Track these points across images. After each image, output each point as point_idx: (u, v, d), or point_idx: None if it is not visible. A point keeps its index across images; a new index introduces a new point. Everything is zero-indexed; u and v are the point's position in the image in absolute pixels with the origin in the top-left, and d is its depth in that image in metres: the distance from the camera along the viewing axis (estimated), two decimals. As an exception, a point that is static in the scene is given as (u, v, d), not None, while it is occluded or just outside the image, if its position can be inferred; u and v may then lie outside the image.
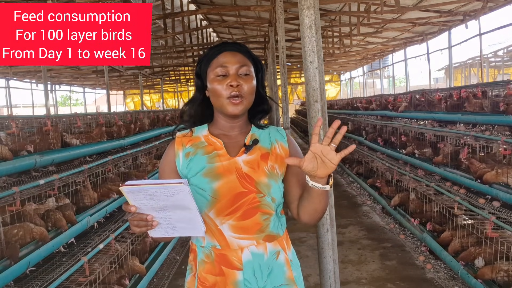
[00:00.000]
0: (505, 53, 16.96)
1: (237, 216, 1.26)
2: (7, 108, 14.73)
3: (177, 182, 1.01)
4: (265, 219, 1.28)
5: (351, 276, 3.99)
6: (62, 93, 29.08)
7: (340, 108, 12.46)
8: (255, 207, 1.27)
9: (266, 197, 1.28)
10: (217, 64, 1.29)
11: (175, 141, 1.36)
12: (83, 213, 3.98)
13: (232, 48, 1.32)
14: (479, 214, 3.56)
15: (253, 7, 7.80)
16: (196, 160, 1.30)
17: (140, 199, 1.06)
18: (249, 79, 1.29)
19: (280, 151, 1.35)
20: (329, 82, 23.67)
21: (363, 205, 6.61)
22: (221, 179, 1.26)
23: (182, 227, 1.13)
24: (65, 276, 2.79)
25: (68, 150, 4.18)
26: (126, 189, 1.03)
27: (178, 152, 1.34)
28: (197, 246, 1.32)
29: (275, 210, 1.31)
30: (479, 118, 4.61)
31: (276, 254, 1.31)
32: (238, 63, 1.28)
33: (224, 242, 1.27)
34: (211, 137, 1.34)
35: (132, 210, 1.08)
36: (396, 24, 10.07)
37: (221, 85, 1.27)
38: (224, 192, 1.26)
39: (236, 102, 1.26)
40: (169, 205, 1.06)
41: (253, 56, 1.36)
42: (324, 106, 2.25)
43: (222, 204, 1.25)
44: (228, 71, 1.28)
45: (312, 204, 1.25)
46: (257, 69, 1.35)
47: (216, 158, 1.30)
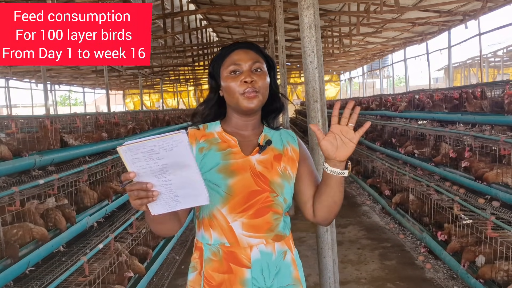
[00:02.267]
0: (505, 53, 16.97)
1: (249, 214, 1.26)
2: (7, 108, 14.73)
3: (174, 132, 0.97)
4: (275, 219, 1.29)
5: (350, 276, 4.00)
6: (62, 93, 29.12)
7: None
8: (267, 206, 1.27)
9: (279, 197, 1.28)
10: (230, 62, 1.30)
11: (188, 135, 1.33)
12: (82, 213, 3.98)
13: (244, 46, 1.33)
14: (479, 214, 3.56)
15: (253, 7, 7.81)
16: (211, 155, 1.30)
17: (138, 160, 1.00)
18: (262, 75, 1.29)
19: (292, 154, 1.35)
20: (328, 82, 23.67)
21: (363, 205, 6.61)
22: (236, 176, 1.26)
23: (184, 195, 1.07)
24: (64, 276, 2.79)
25: (67, 150, 4.18)
26: (124, 148, 0.98)
27: (191, 146, 1.33)
28: (203, 244, 1.30)
29: (284, 210, 1.31)
30: (478, 118, 4.61)
31: (283, 254, 1.31)
32: (251, 60, 1.29)
33: (233, 239, 1.26)
34: (225, 134, 1.34)
35: (131, 176, 1.02)
36: (395, 24, 10.08)
37: (235, 82, 1.27)
38: (239, 189, 1.25)
39: (251, 96, 1.26)
40: (168, 164, 1.01)
41: (265, 53, 1.36)
42: (324, 106, 2.25)
43: (236, 201, 1.25)
44: (242, 68, 1.28)
45: (330, 196, 1.25)
46: (270, 66, 1.35)
47: (230, 155, 1.30)
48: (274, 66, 1.38)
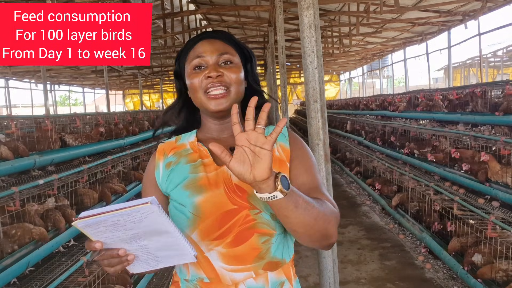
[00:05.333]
0: (504, 53, 16.98)
1: (228, 241, 1.00)
2: (6, 108, 14.75)
3: (142, 203, 0.79)
4: (264, 242, 1.01)
5: (350, 276, 4.00)
6: (61, 93, 29.11)
7: (338, 108, 12.48)
8: (249, 228, 1.00)
9: (262, 213, 1.01)
10: (193, 55, 1.08)
11: (156, 151, 1.15)
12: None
13: (210, 35, 1.12)
14: (479, 214, 3.56)
15: (253, 7, 7.81)
16: (178, 170, 1.08)
17: (102, 233, 0.82)
18: (233, 67, 1.07)
19: (281, 154, 1.08)
20: (328, 82, 23.68)
21: (363, 205, 6.61)
22: (204, 193, 1.02)
23: (166, 256, 0.90)
24: (64, 276, 2.79)
25: (67, 150, 4.18)
26: (81, 223, 0.79)
27: (158, 163, 1.12)
28: (180, 279, 1.07)
29: (278, 228, 1.03)
30: (478, 118, 4.61)
31: (279, 285, 1.04)
32: (217, 51, 1.07)
33: (213, 274, 1.01)
34: (198, 144, 1.12)
35: (98, 247, 0.83)
36: (395, 24, 10.09)
37: (198, 77, 1.06)
38: (209, 209, 1.01)
39: (218, 95, 1.04)
40: (140, 233, 0.84)
41: (239, 43, 1.14)
42: (324, 106, 2.25)
43: (207, 225, 1.01)
44: (207, 62, 1.07)
45: (285, 224, 0.95)
46: (245, 58, 1.14)
47: (201, 167, 1.06)
48: (252, 57, 1.16)
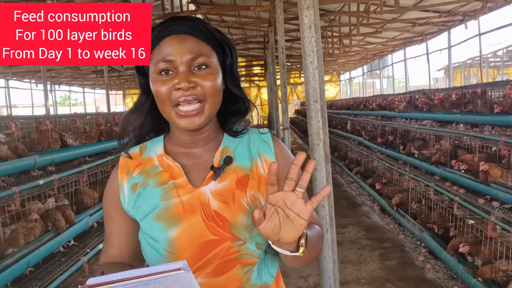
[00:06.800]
0: (505, 53, 16.98)
1: (207, 272, 0.88)
2: (7, 108, 14.76)
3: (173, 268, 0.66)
4: (246, 272, 0.90)
5: (350, 276, 4.00)
6: (62, 93, 29.11)
7: (337, 108, 12.48)
8: (232, 260, 0.89)
9: (247, 244, 0.89)
10: (159, 56, 0.88)
11: (118, 166, 0.96)
12: (82, 213, 3.98)
13: (180, 30, 0.88)
14: (479, 214, 3.57)
15: (253, 7, 7.82)
16: (146, 195, 0.91)
17: None
18: (208, 74, 0.88)
19: (265, 170, 0.93)
20: (328, 82, 23.69)
21: (363, 205, 6.61)
22: (179, 224, 0.87)
23: None
24: (64, 276, 2.79)
25: (67, 150, 4.18)
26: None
27: (122, 184, 0.94)
28: None
29: (261, 255, 0.92)
30: (478, 118, 4.61)
31: None
32: (190, 53, 0.87)
33: None
34: (167, 159, 0.94)
35: None
36: (395, 24, 10.09)
37: (165, 86, 0.87)
38: (185, 244, 0.87)
39: (190, 112, 0.86)
40: None
41: (216, 35, 0.92)
42: (324, 106, 2.25)
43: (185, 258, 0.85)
44: (176, 67, 0.87)
45: (287, 263, 0.89)
46: (224, 54, 0.93)
47: (173, 191, 0.90)
48: (232, 51, 0.95)
